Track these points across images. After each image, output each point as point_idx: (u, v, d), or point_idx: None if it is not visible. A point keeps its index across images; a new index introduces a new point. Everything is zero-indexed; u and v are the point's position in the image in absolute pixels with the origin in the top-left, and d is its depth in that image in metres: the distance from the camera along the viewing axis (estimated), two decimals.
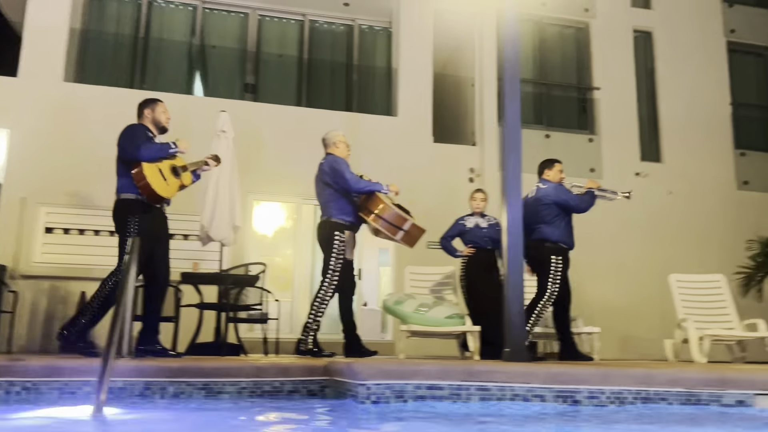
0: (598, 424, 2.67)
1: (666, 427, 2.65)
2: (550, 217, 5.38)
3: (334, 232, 4.91)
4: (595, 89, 10.17)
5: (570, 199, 5.44)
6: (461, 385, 2.80)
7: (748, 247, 8.21)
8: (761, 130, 10.81)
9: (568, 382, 2.85)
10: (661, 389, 2.88)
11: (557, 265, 5.25)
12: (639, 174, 9.97)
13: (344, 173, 4.88)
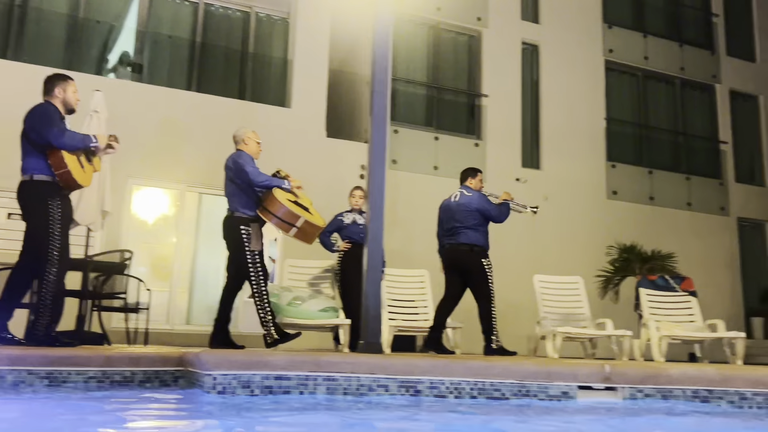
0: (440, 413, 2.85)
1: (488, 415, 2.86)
2: (475, 223, 5.72)
3: (239, 227, 4.82)
4: (484, 96, 10.61)
5: (492, 209, 5.82)
6: (309, 375, 2.89)
7: (608, 252, 8.89)
8: (631, 145, 11.72)
9: (411, 373, 3.01)
10: (495, 380, 3.11)
11: (489, 267, 5.70)
12: (519, 179, 10.52)
13: (245, 167, 4.83)
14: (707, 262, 11.44)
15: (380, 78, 4.22)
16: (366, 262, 3.81)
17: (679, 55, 12.25)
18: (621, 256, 8.48)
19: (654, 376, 3.20)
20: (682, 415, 3.12)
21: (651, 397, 3.18)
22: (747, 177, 12.52)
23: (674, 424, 3.00)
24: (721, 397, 3.17)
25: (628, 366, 3.29)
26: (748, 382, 3.18)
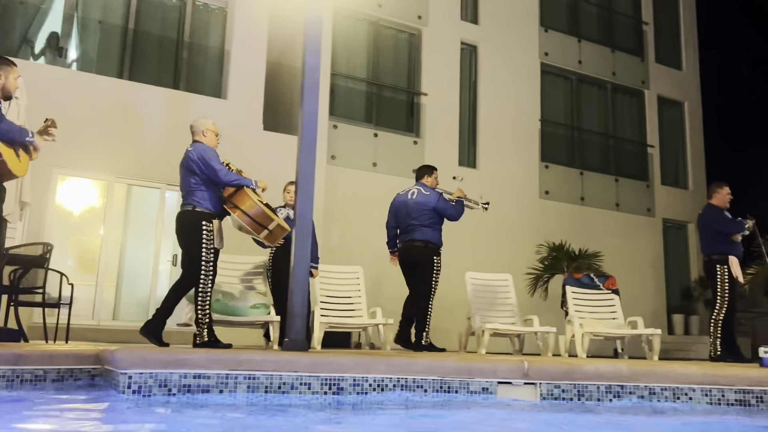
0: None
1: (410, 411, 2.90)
2: (431, 221, 5.93)
3: (201, 222, 4.64)
4: (423, 94, 10.70)
5: (449, 208, 6.04)
6: (229, 374, 2.84)
7: (538, 250, 9.13)
8: (563, 146, 12.06)
9: (334, 371, 3.01)
10: (418, 377, 3.15)
11: (438, 265, 5.93)
12: (456, 178, 10.67)
13: (213, 163, 4.67)
14: (633, 261, 11.93)
15: (312, 72, 4.19)
16: (293, 259, 3.78)
17: (611, 60, 12.69)
18: (550, 254, 8.73)
19: (570, 372, 3.31)
20: (594, 413, 3.24)
21: (567, 393, 3.29)
22: (672, 180, 13.11)
23: (587, 419, 3.12)
24: (632, 392, 3.32)
25: (546, 362, 3.39)
26: (656, 378, 3.33)
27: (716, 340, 5.71)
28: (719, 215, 5.83)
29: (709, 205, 5.99)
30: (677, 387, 3.32)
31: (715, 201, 5.95)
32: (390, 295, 8.97)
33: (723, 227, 5.73)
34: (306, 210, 3.85)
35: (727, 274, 5.70)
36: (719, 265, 5.74)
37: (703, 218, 5.97)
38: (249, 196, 4.66)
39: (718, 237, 5.78)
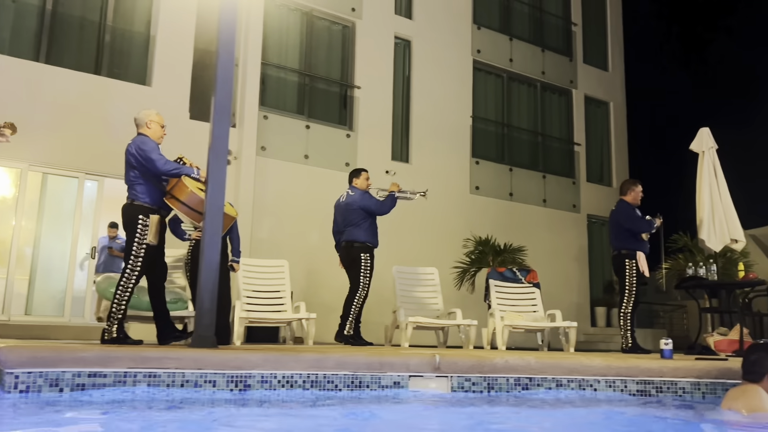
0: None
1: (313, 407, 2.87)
2: (357, 220, 6.13)
3: (138, 216, 4.49)
4: (356, 87, 10.65)
5: (372, 204, 6.20)
6: (127, 372, 2.73)
7: (465, 244, 9.26)
8: (493, 143, 12.27)
9: (240, 368, 2.94)
10: (329, 372, 3.11)
11: (366, 262, 6.04)
12: (388, 172, 10.69)
13: (151, 154, 4.49)
14: (559, 255, 12.29)
15: (225, 64, 4.07)
16: (202, 252, 3.67)
17: (540, 59, 12.99)
18: (476, 248, 8.87)
19: (480, 365, 3.35)
20: (503, 404, 3.30)
21: (477, 385, 3.33)
22: (596, 177, 13.56)
23: (496, 412, 3.16)
24: (540, 384, 3.39)
25: (458, 355, 3.42)
26: (563, 370, 3.42)
27: (627, 332, 5.94)
28: (631, 213, 6.05)
29: (621, 201, 6.21)
30: (583, 378, 3.42)
31: (628, 198, 6.17)
32: (323, 290, 8.95)
33: (634, 225, 5.96)
34: (216, 201, 3.74)
35: (635, 269, 5.93)
36: (628, 260, 5.97)
37: (615, 214, 6.19)
38: (187, 185, 4.51)
39: (628, 233, 6.00)
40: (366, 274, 6.08)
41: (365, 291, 6.07)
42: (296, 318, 5.76)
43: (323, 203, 9.33)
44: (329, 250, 7.06)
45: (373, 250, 6.31)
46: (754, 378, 3.10)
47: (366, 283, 6.08)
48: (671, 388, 3.44)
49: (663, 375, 3.44)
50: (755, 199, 15.84)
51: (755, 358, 3.13)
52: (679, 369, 3.46)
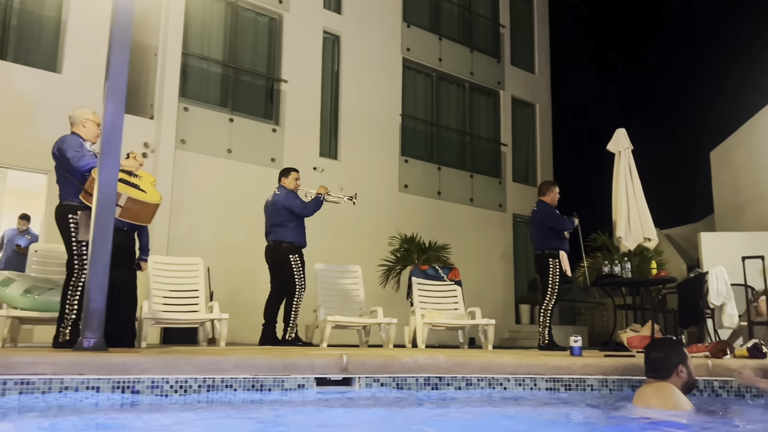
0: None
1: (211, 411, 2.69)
2: (283, 220, 6.05)
3: (67, 215, 4.26)
4: (283, 81, 10.41)
5: (295, 205, 6.10)
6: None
7: (390, 242, 9.20)
8: (422, 142, 12.28)
9: (128, 372, 2.72)
10: (227, 376, 2.93)
11: (297, 263, 5.97)
12: (316, 169, 10.50)
13: (66, 152, 4.21)
14: (485, 254, 12.44)
15: (119, 47, 3.79)
16: (90, 249, 3.40)
17: (469, 60, 13.11)
18: (402, 246, 8.81)
19: (388, 365, 3.24)
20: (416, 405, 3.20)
21: (386, 386, 3.23)
22: (522, 177, 13.81)
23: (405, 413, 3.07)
24: (449, 384, 3.32)
25: (366, 355, 3.31)
26: (473, 369, 3.36)
27: (545, 329, 6.01)
28: (553, 212, 6.13)
29: (541, 202, 6.28)
30: (493, 377, 3.36)
31: (547, 199, 6.25)
32: (246, 291, 8.68)
33: (558, 224, 6.04)
34: (107, 193, 3.48)
35: (558, 268, 6.01)
36: (551, 259, 6.04)
37: (538, 214, 6.25)
38: (95, 177, 4.21)
39: (550, 233, 6.08)
40: (300, 275, 6.02)
41: (303, 291, 6.05)
42: (208, 318, 5.51)
43: (247, 200, 9.07)
44: (253, 250, 6.84)
45: (301, 249, 6.21)
46: (662, 375, 3.11)
47: (302, 283, 6.04)
48: (580, 385, 3.44)
49: (572, 372, 3.44)
50: (671, 201, 16.58)
51: (662, 355, 3.14)
52: (587, 366, 3.47)
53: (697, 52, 19.71)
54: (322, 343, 5.71)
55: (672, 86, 20.97)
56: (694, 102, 18.94)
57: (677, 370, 3.10)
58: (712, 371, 3.53)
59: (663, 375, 3.10)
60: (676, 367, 3.10)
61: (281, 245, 6.03)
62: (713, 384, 3.53)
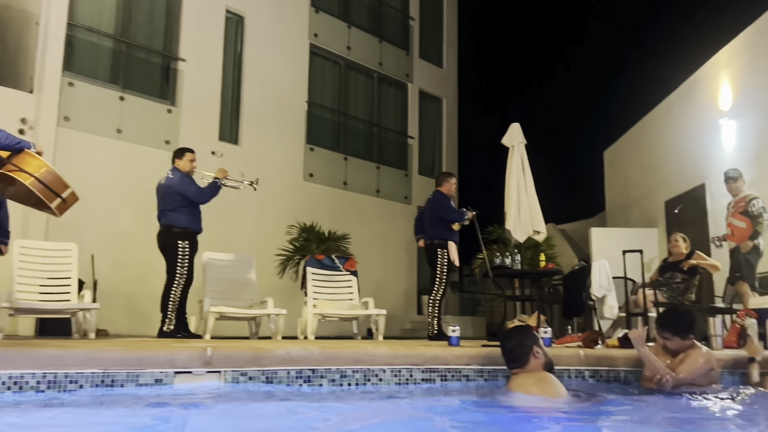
0: None
1: None
2: (176, 204, 5.67)
3: None
4: (181, 60, 9.90)
5: (190, 191, 5.72)
6: None
7: (289, 231, 8.98)
8: (328, 131, 12.09)
9: None
10: (72, 371, 2.66)
11: (184, 249, 5.59)
12: (215, 153, 10.08)
13: None
14: (390, 245, 12.42)
15: None
16: None
17: (378, 50, 13.03)
18: (300, 235, 8.61)
19: (258, 358, 3.07)
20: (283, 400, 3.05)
21: (255, 380, 3.05)
22: (428, 170, 13.90)
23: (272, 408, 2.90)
24: (323, 376, 3.18)
25: (233, 348, 3.11)
26: (347, 360, 3.24)
27: (434, 320, 6.02)
28: (445, 203, 6.14)
29: (437, 192, 6.28)
30: (368, 369, 3.26)
31: (443, 189, 6.26)
32: (134, 279, 8.20)
33: (446, 214, 6.05)
34: None
35: (446, 258, 6.03)
36: (440, 249, 6.05)
37: (431, 204, 6.25)
38: (35, 157, 3.74)
39: (441, 223, 6.09)
40: (183, 262, 5.61)
41: (183, 280, 5.62)
42: (75, 308, 5.10)
43: (138, 183, 8.53)
44: (144, 236, 6.42)
45: (195, 236, 5.84)
46: (522, 362, 3.11)
47: (183, 272, 5.62)
48: (455, 375, 3.40)
49: (448, 363, 3.40)
50: (569, 198, 17.29)
51: (515, 343, 3.14)
52: (462, 356, 3.44)
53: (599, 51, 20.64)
54: (206, 335, 5.43)
55: (574, 86, 21.86)
56: (593, 102, 19.84)
57: (533, 353, 3.10)
58: (583, 360, 3.60)
59: (522, 362, 3.10)
60: (531, 349, 3.10)
61: (171, 230, 5.67)
62: (584, 373, 3.60)
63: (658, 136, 10.15)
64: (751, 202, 6.03)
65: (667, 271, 6.31)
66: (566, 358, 3.56)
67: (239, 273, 6.39)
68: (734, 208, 6.24)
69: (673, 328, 3.52)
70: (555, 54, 22.77)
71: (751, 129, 7.59)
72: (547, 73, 22.85)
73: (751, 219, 5.99)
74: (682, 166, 9.23)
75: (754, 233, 5.96)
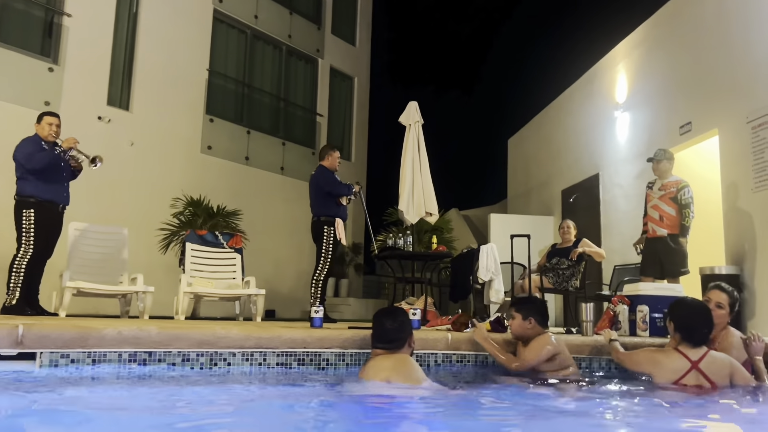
0: None
1: None
2: (20, 172, 5.14)
3: None
4: (66, 15, 9.07)
5: (22, 157, 5.10)
6: None
7: (173, 204, 8.47)
8: (230, 102, 11.52)
9: None
10: None
11: (29, 219, 5.03)
12: (101, 118, 9.37)
13: None
14: (294, 224, 12.02)
15: None
16: None
17: (288, 22, 12.54)
18: (186, 209, 8.12)
19: (83, 338, 2.70)
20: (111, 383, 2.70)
21: (80, 362, 2.68)
22: None
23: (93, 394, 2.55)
24: (162, 359, 2.86)
25: (53, 327, 2.72)
26: (191, 342, 2.93)
27: (316, 301, 5.77)
28: (331, 177, 5.89)
29: (320, 167, 6.02)
30: (215, 351, 2.97)
31: (326, 163, 6.00)
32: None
33: (333, 189, 5.80)
34: None
35: (332, 236, 5.80)
36: (326, 226, 5.81)
37: (315, 179, 5.98)
38: None
39: (328, 199, 5.84)
40: (29, 233, 5.04)
41: (30, 251, 5.02)
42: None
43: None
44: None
45: (46, 205, 5.20)
46: (397, 345, 2.94)
47: (30, 243, 5.04)
48: (314, 360, 3.16)
49: (306, 346, 3.15)
50: (475, 185, 17.50)
51: (398, 325, 2.97)
52: (324, 339, 3.20)
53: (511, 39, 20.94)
54: (61, 312, 4.94)
55: (485, 71, 22.11)
56: (501, 89, 20.14)
57: (410, 340, 2.95)
58: (450, 345, 3.46)
59: (397, 345, 2.93)
60: (410, 336, 2.95)
61: (15, 198, 5.14)
62: (452, 358, 3.45)
63: (557, 126, 10.32)
64: (683, 189, 5.58)
65: (554, 257, 6.36)
66: (433, 342, 3.40)
67: (109, 246, 5.88)
68: (663, 192, 5.70)
69: (518, 307, 3.53)
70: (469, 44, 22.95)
71: (643, 121, 7.78)
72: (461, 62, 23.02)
73: (679, 207, 5.56)
74: (579, 156, 9.40)
75: (683, 228, 5.51)
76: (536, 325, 3.48)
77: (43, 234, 5.02)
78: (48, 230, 5.07)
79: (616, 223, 8.26)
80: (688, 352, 3.16)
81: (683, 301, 3.39)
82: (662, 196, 5.71)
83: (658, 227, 5.68)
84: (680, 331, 3.22)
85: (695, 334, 3.18)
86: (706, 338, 3.21)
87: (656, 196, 5.78)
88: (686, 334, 3.20)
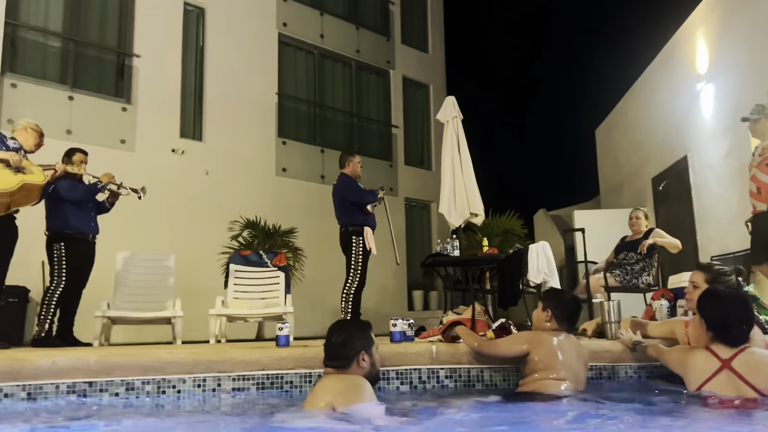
0: None
1: None
2: (50, 207, 5.26)
3: None
4: (136, 56, 9.56)
5: (67, 193, 5.24)
6: None
7: (230, 228, 8.53)
8: (302, 123, 11.60)
9: None
10: None
11: (60, 253, 5.15)
12: (175, 151, 9.73)
13: None
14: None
15: None
16: None
17: (355, 37, 12.49)
18: (242, 231, 8.14)
19: (15, 371, 2.59)
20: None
21: (13, 396, 2.57)
22: (416, 160, 13.31)
23: None
24: (104, 390, 2.69)
25: None
26: (136, 370, 2.74)
27: (347, 314, 5.46)
28: (354, 185, 5.59)
29: (342, 175, 5.73)
30: (163, 378, 2.75)
31: (348, 171, 5.71)
32: None
33: (358, 197, 5.50)
34: None
35: (362, 246, 5.48)
36: (354, 236, 5.51)
37: (338, 188, 5.71)
38: None
39: (353, 208, 5.54)
40: (61, 266, 5.14)
41: (62, 284, 5.13)
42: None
43: None
44: None
45: (74, 238, 5.28)
46: (342, 363, 2.57)
47: (62, 276, 5.15)
48: (276, 382, 2.86)
49: (264, 368, 2.86)
50: (565, 182, 16.37)
51: (342, 340, 2.60)
52: (284, 359, 2.89)
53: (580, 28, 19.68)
54: (94, 342, 5.00)
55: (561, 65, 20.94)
56: (581, 79, 18.94)
57: (358, 359, 2.56)
58: (436, 358, 3.01)
59: (342, 363, 2.55)
60: (358, 354, 2.56)
61: (46, 234, 5.29)
62: (439, 373, 3.00)
63: (641, 108, 9.34)
64: None
65: (622, 251, 5.62)
66: (414, 357, 2.98)
67: (154, 273, 5.95)
68: (761, 157, 4.48)
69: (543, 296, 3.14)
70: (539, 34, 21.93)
71: (728, 91, 6.77)
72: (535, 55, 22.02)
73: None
74: (665, 137, 8.42)
75: None
76: (553, 319, 3.03)
77: (76, 266, 5.14)
78: (80, 262, 5.19)
79: (710, 209, 7.24)
80: (719, 349, 2.52)
81: (714, 292, 2.73)
82: (759, 163, 4.46)
83: (758, 201, 4.45)
84: (713, 330, 2.59)
85: (731, 332, 2.54)
86: (746, 336, 2.55)
87: (754, 164, 4.55)
88: (720, 332, 2.56)
